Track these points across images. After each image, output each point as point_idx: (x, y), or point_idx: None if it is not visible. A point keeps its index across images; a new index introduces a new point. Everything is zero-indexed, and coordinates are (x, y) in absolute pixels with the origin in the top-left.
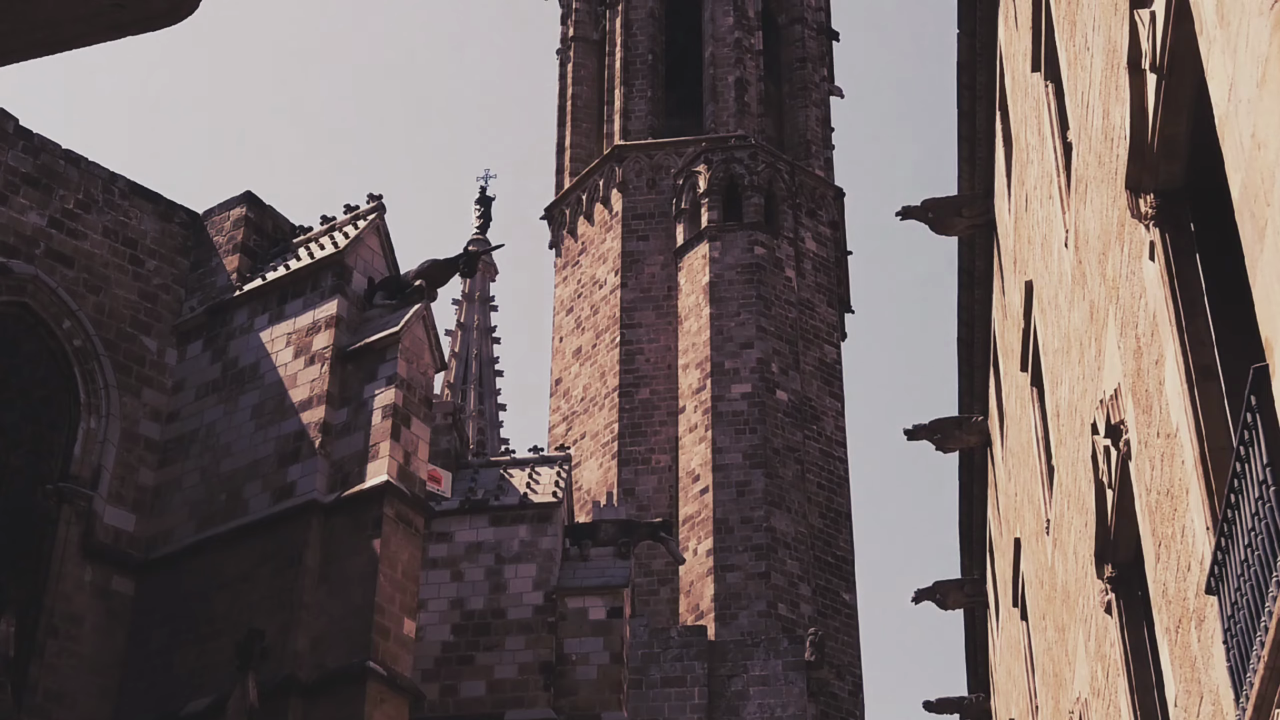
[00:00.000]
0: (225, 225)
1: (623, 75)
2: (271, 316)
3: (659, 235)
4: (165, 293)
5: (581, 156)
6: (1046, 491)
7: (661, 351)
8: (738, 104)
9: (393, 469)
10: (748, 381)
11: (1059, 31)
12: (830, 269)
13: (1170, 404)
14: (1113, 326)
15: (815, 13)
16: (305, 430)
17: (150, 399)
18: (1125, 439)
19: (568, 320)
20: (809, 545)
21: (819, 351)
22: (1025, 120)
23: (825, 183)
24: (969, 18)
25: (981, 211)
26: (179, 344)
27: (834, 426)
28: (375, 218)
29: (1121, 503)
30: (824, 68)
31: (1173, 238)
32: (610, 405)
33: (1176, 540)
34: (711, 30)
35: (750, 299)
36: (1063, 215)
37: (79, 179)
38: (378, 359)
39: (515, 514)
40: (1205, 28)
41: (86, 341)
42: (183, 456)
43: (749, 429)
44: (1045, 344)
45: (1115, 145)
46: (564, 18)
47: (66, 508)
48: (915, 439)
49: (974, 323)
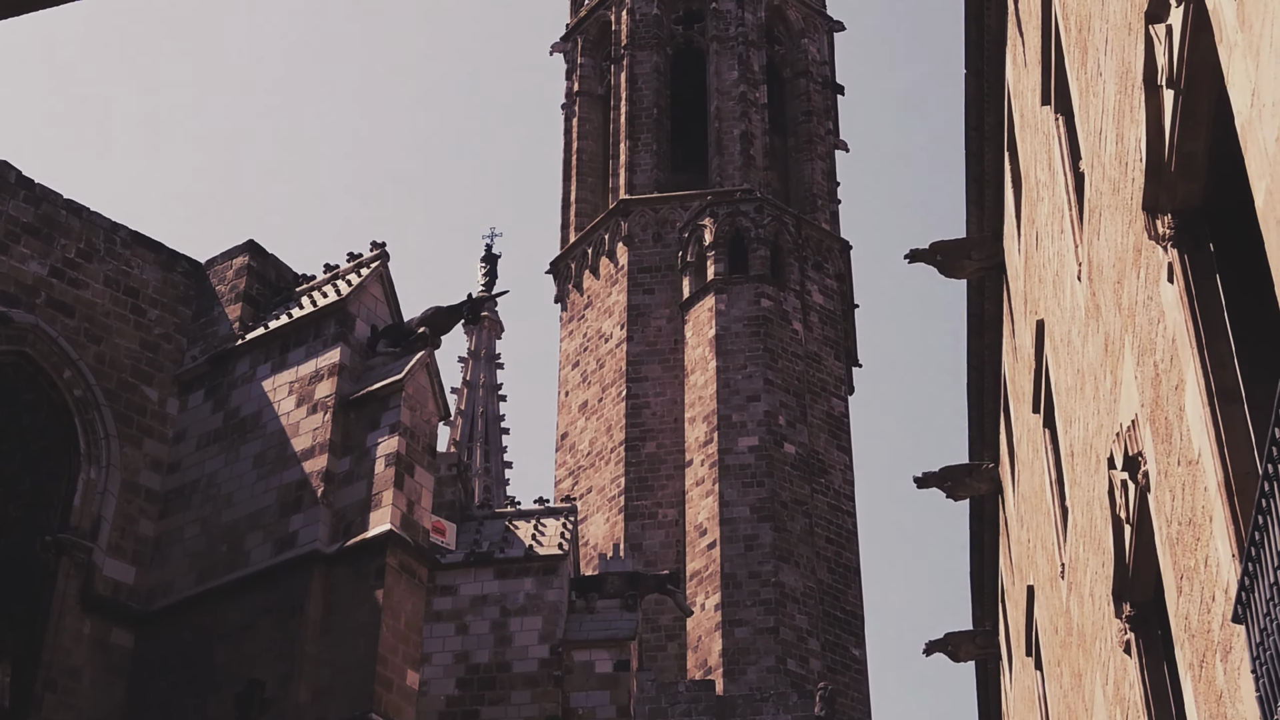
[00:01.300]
0: (228, 274)
1: (628, 129)
2: (274, 365)
3: (665, 289)
4: (167, 342)
5: (587, 211)
6: (1060, 535)
7: (668, 405)
8: (743, 157)
9: (396, 518)
10: (755, 434)
11: (1069, 60)
12: (837, 322)
13: (1192, 429)
14: (1129, 356)
15: (820, 66)
16: (307, 479)
17: (151, 449)
18: (1144, 471)
19: (573, 374)
20: (818, 600)
21: (826, 405)
22: (1035, 156)
23: (831, 235)
24: (976, 57)
25: (991, 254)
26: (180, 394)
27: (842, 480)
28: (379, 265)
29: (1140, 538)
30: (829, 121)
31: (1192, 258)
32: (616, 459)
33: (1200, 571)
34: (716, 84)
35: (757, 351)
36: (1075, 249)
37: (80, 228)
38: (381, 407)
39: (521, 566)
40: (1225, 33)
41: (87, 391)
42: (184, 507)
43: (756, 482)
44: (1058, 383)
45: (1130, 170)
46: (569, 73)
47: (65, 559)
48: (925, 486)
49: (984, 368)
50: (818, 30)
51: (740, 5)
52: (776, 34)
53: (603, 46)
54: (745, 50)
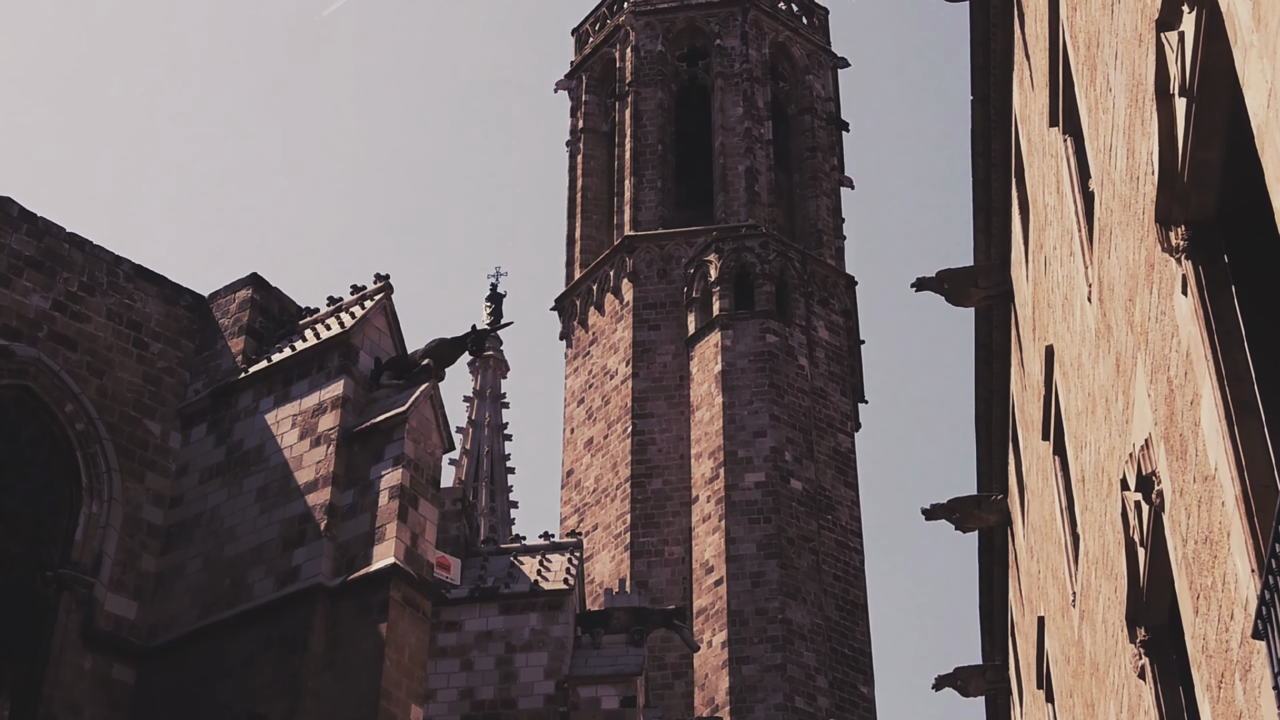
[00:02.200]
0: (231, 307)
1: (632, 166)
2: (277, 398)
3: (670, 325)
4: (170, 376)
5: (592, 247)
6: (1072, 563)
7: (674, 441)
8: (748, 193)
9: (399, 551)
10: (761, 470)
11: (1078, 79)
12: (843, 358)
13: (1208, 444)
14: (1141, 375)
15: (824, 103)
16: (310, 513)
17: (153, 483)
18: (1158, 490)
19: (579, 411)
20: (825, 637)
21: (833, 441)
22: (1043, 180)
23: (837, 271)
24: (982, 83)
25: (998, 282)
26: (183, 427)
27: (849, 517)
28: (382, 298)
29: (1155, 559)
30: (834, 157)
31: (1206, 269)
32: (622, 496)
33: (1217, 589)
34: (721, 120)
35: (763, 387)
36: (1085, 270)
37: (83, 262)
38: (384, 439)
39: (526, 602)
40: (1240, 35)
41: (89, 425)
42: (186, 542)
43: (763, 519)
44: (1068, 408)
45: (1142, 184)
46: (573, 110)
47: (67, 595)
48: (933, 519)
49: (992, 397)
50: (822, 67)
51: (744, 42)
52: (781, 70)
53: (607, 83)
54: (750, 86)
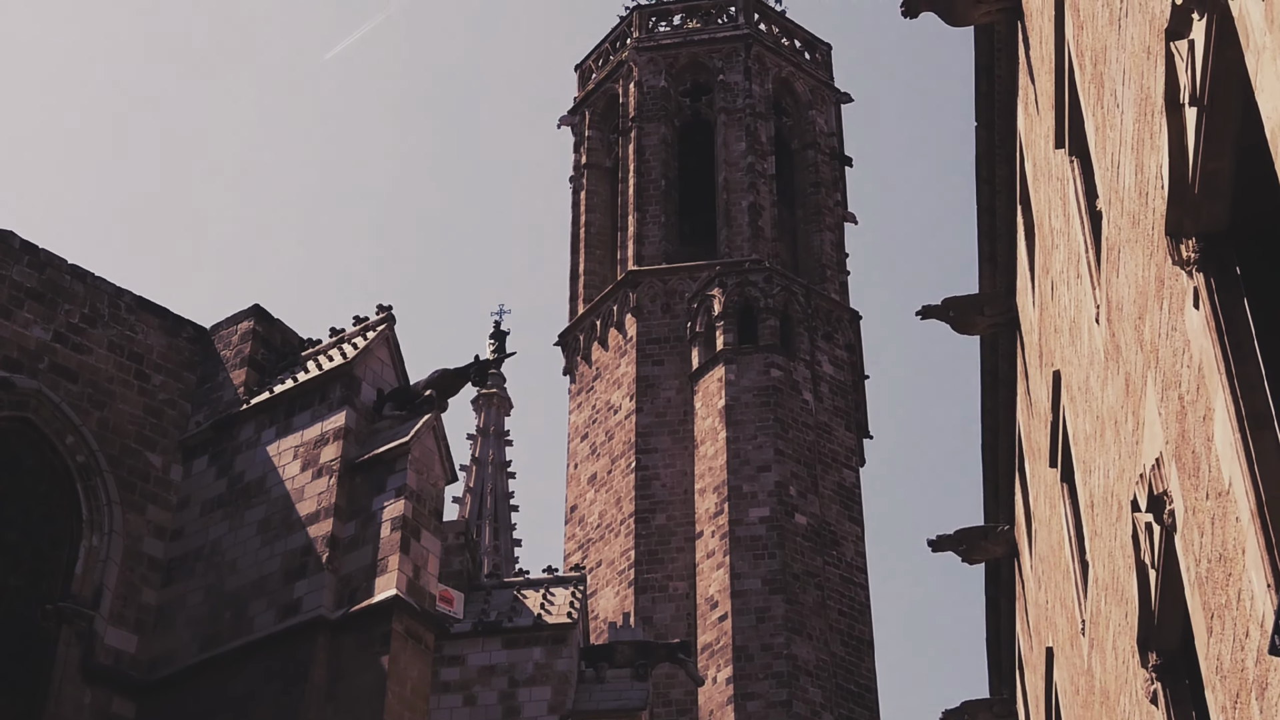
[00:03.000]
0: (233, 339)
1: (636, 201)
2: (279, 429)
3: (674, 359)
4: (171, 408)
5: (595, 282)
6: (1081, 591)
7: (678, 476)
8: (751, 228)
9: (402, 583)
10: (766, 505)
11: (1084, 98)
12: (847, 393)
13: (1221, 459)
14: (1152, 394)
15: (828, 138)
16: (312, 545)
17: (154, 516)
18: (1169, 510)
19: (582, 446)
20: (831, 673)
21: (838, 476)
22: (1049, 204)
23: (841, 306)
24: (986, 110)
25: (1004, 309)
26: (184, 459)
27: (854, 552)
28: (385, 329)
29: (1167, 581)
30: (837, 192)
31: (1218, 281)
32: (626, 532)
33: (1232, 607)
34: (724, 155)
35: (767, 421)
36: (1093, 292)
37: (85, 293)
38: (387, 470)
39: (529, 635)
40: (1253, 37)
41: (90, 457)
42: (187, 575)
43: (768, 554)
44: (1075, 433)
45: (1151, 199)
46: (577, 145)
47: (66, 628)
48: (940, 550)
49: (998, 427)
50: (825, 102)
51: (747, 77)
52: (784, 106)
53: (610, 119)
54: (753, 122)
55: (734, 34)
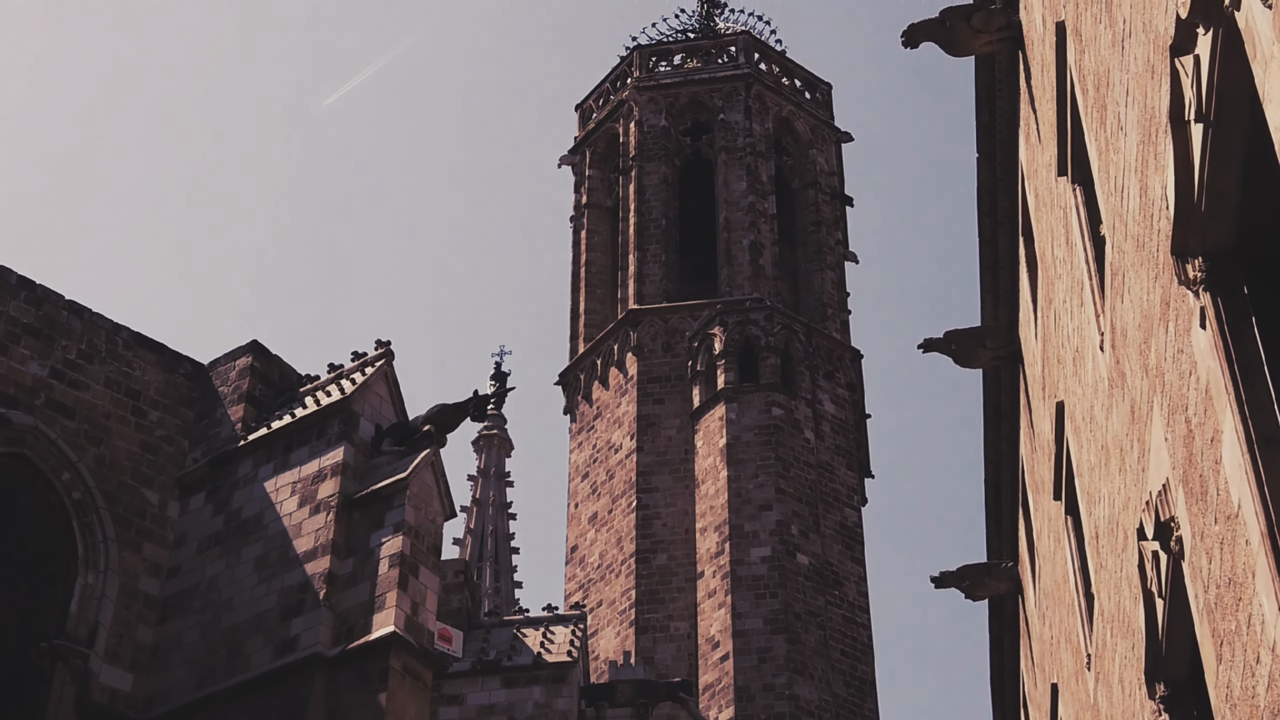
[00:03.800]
0: (231, 375)
1: (636, 240)
2: (276, 465)
3: (675, 398)
4: (168, 444)
5: (596, 322)
6: (1086, 625)
7: (679, 516)
8: (752, 267)
9: (400, 619)
10: (767, 545)
11: (1087, 123)
12: (849, 432)
13: (1230, 481)
14: (1158, 419)
15: (828, 177)
16: (310, 581)
17: (150, 553)
18: (1177, 537)
19: (583, 486)
20: (833, 714)
21: (839, 515)
22: (1052, 233)
23: (842, 345)
24: (988, 141)
25: (1006, 342)
26: (181, 496)
27: (856, 592)
28: (383, 364)
29: (1174, 610)
30: (838, 231)
31: (1225, 301)
32: (627, 572)
33: (1242, 632)
34: (725, 195)
35: (768, 460)
36: (1097, 320)
37: (82, 329)
38: (385, 506)
39: (529, 674)
40: (1260, 47)
41: (86, 494)
42: (183, 612)
43: (769, 593)
44: (1080, 464)
45: (1156, 220)
46: (577, 185)
47: (61, 667)
48: (943, 586)
49: (1001, 461)
50: (826, 141)
51: (748, 117)
52: (785, 145)
53: (611, 158)
54: (754, 161)
55: (734, 73)
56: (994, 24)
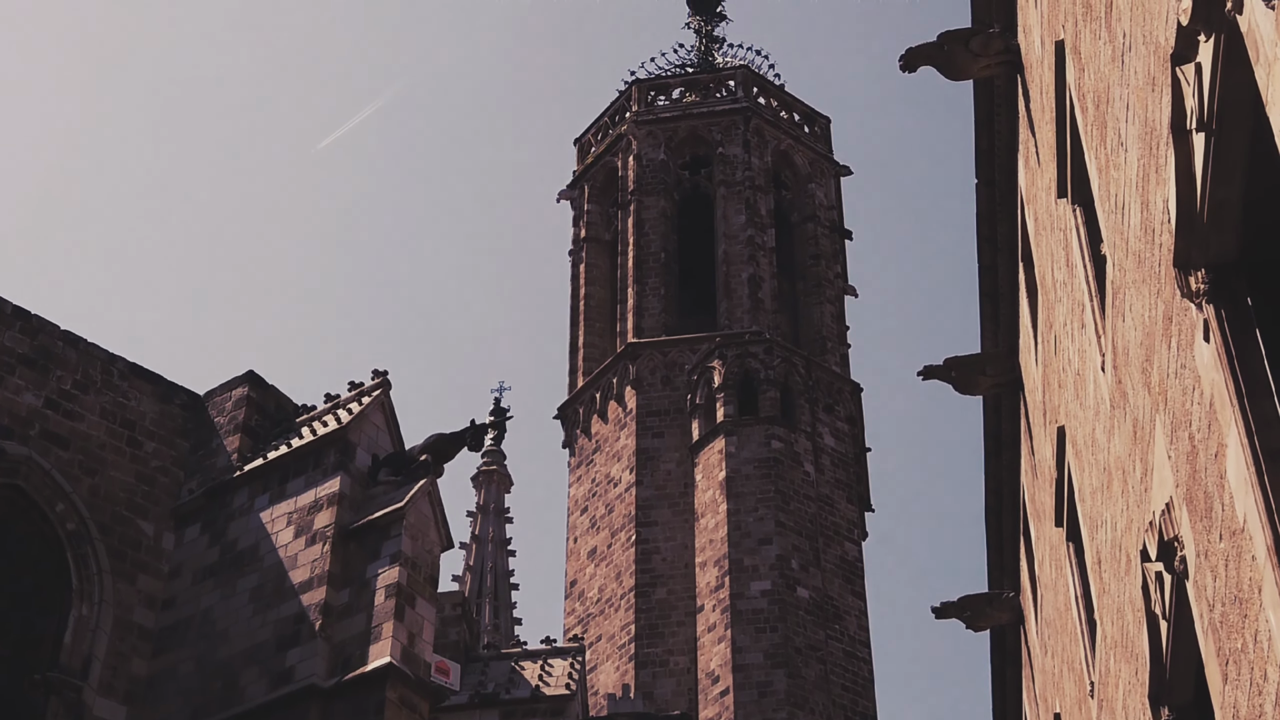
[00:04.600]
0: (227, 405)
1: (635, 274)
2: (272, 496)
3: (674, 432)
4: (164, 475)
5: (595, 355)
6: (1089, 652)
7: (678, 550)
8: (751, 300)
9: (396, 650)
10: (767, 578)
11: (1087, 141)
12: (849, 465)
13: (1235, 496)
14: (1160, 437)
15: (828, 211)
16: (305, 612)
17: (145, 585)
18: (1181, 556)
19: (582, 520)
20: None
21: (840, 549)
22: (1052, 256)
23: (841, 378)
24: (987, 166)
25: (1006, 369)
26: (177, 527)
27: (857, 626)
28: (380, 394)
29: (1179, 631)
30: (837, 265)
31: (1229, 313)
32: (626, 606)
33: (1249, 649)
34: (724, 228)
35: (768, 494)
36: (1098, 340)
37: (77, 360)
38: (381, 536)
39: (527, 708)
40: (1263, 50)
41: (80, 525)
42: (178, 644)
43: (769, 627)
44: (1081, 488)
45: (1157, 235)
46: (576, 219)
47: (54, 699)
48: (944, 617)
49: (1002, 490)
50: (824, 175)
51: (747, 150)
52: (784, 179)
53: (610, 192)
54: (752, 195)
55: (733, 107)
56: (992, 48)
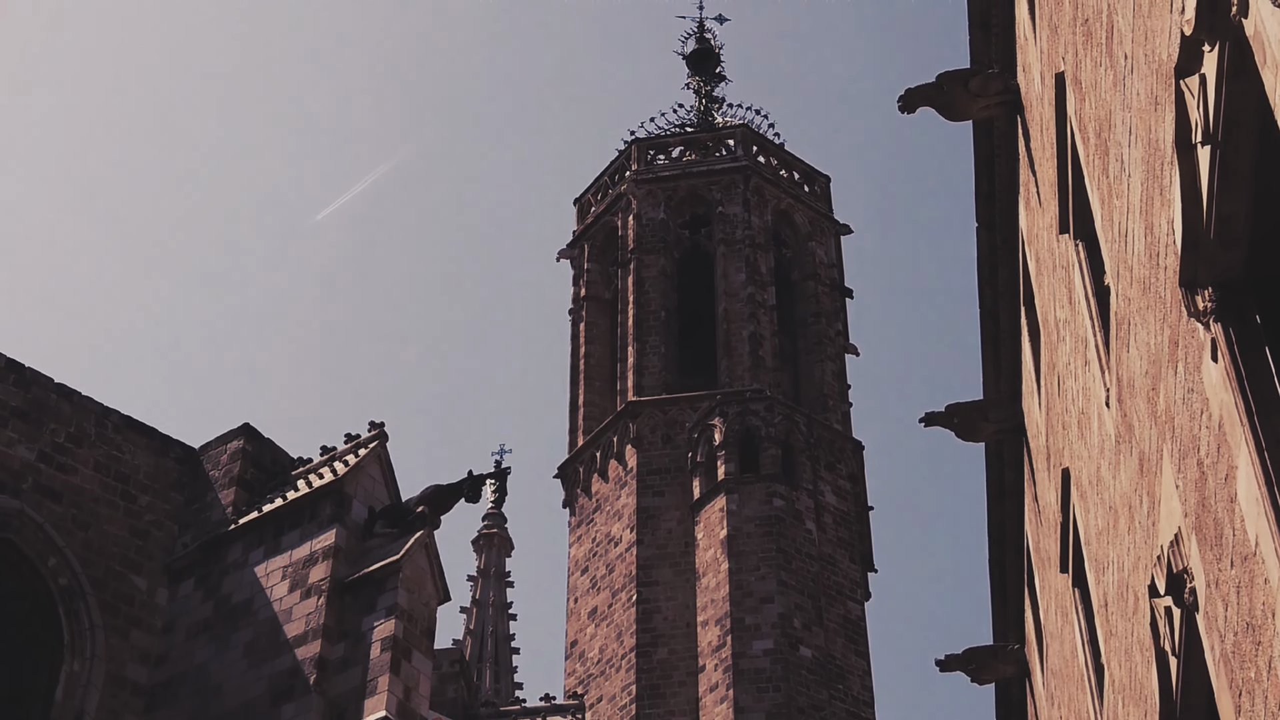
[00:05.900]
0: (222, 459)
1: (635, 332)
2: (267, 549)
3: (675, 490)
4: (157, 529)
5: (595, 414)
6: (1096, 699)
7: (680, 609)
8: (752, 358)
9: (392, 704)
10: (769, 637)
11: (1088, 170)
12: (851, 524)
13: (1246, 519)
14: (1168, 468)
15: (828, 269)
16: (300, 667)
17: (138, 640)
18: (1190, 588)
19: (583, 580)
20: None
21: (842, 608)
22: (1053, 297)
23: (843, 436)
24: (987, 209)
25: (1009, 416)
26: (170, 582)
27: (860, 686)
28: (376, 445)
29: (1189, 666)
30: (838, 323)
31: (1237, 331)
32: (628, 667)
33: (1263, 679)
34: (724, 286)
35: (770, 552)
36: (1102, 375)
37: (71, 413)
38: (377, 589)
39: None
40: (1270, 53)
41: (72, 580)
42: (171, 700)
43: (772, 687)
44: (1086, 531)
45: (1163, 258)
46: (575, 278)
47: None
48: (948, 670)
49: (1005, 539)
50: (825, 234)
51: (747, 209)
52: (784, 237)
53: (609, 251)
54: (752, 253)
55: (732, 166)
56: (991, 88)
